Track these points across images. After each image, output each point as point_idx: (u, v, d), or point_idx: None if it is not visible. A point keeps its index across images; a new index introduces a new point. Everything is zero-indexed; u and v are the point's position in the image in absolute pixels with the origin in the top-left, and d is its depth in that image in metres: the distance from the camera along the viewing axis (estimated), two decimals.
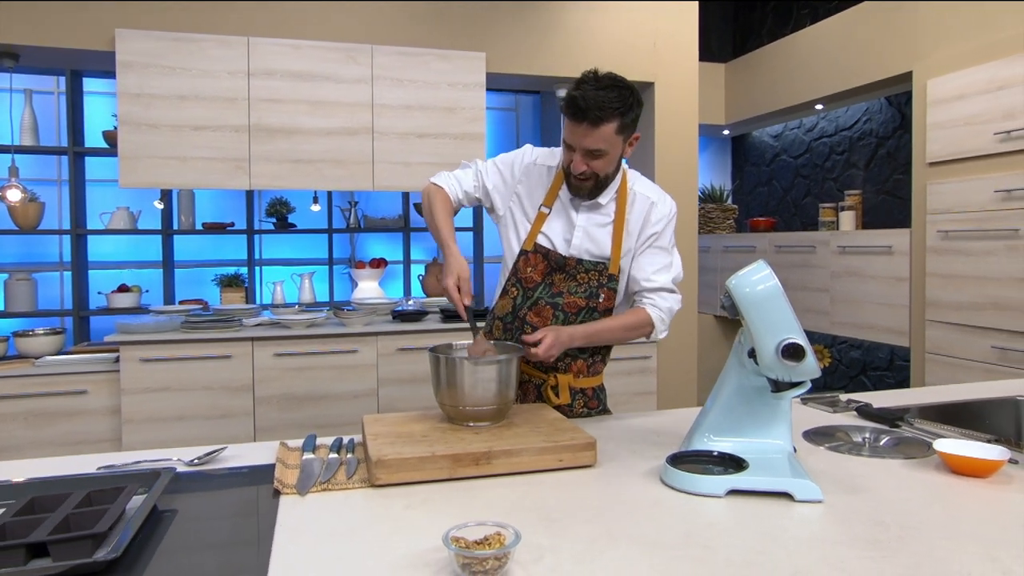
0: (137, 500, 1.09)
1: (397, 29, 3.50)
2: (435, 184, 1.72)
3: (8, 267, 3.92)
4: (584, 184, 1.59)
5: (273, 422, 3.21)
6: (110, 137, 3.75)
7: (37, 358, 3.19)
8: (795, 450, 1.31)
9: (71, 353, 3.32)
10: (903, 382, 4.35)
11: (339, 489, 1.21)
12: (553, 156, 1.71)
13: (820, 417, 1.69)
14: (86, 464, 1.33)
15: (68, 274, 3.99)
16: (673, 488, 1.19)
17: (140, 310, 3.80)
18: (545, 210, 1.67)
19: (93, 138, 3.91)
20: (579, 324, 1.64)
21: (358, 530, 1.04)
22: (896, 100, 4.34)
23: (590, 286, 1.65)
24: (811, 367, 1.15)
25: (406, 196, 4.38)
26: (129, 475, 1.16)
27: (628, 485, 1.22)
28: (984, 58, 3.21)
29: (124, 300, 3.80)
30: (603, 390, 1.81)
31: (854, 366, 4.78)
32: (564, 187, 1.66)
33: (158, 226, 4.05)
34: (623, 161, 1.69)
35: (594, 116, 1.47)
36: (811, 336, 1.25)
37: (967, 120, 3.25)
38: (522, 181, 1.70)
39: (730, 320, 5.51)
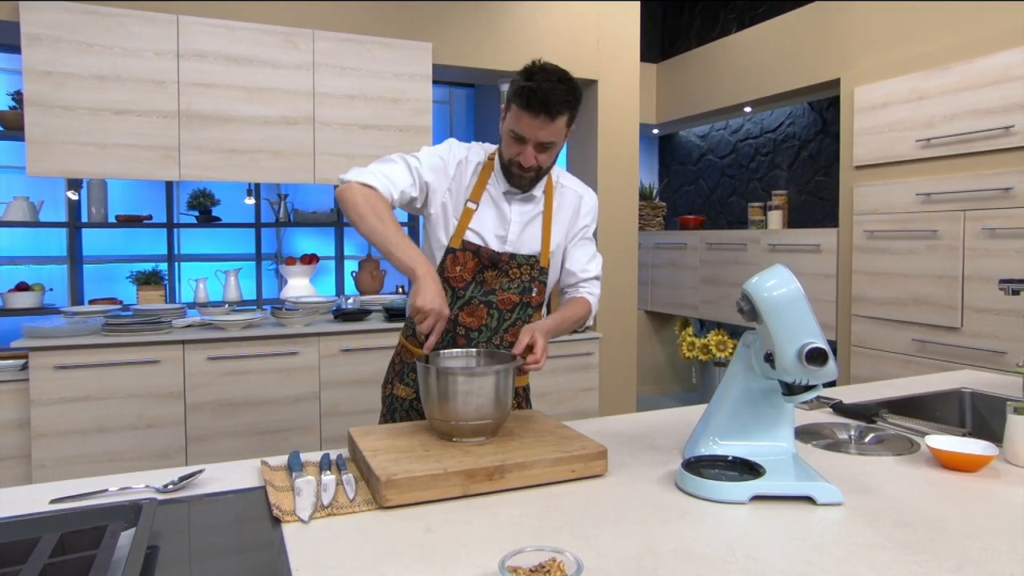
0: (124, 540, 0.95)
1: (339, 14, 3.33)
2: (361, 183, 1.48)
3: None
4: (528, 176, 1.56)
5: (207, 431, 2.99)
6: (6, 118, 3.36)
7: None
8: (796, 451, 1.33)
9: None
10: None
11: (345, 513, 1.11)
12: (478, 151, 1.65)
13: (798, 415, 1.73)
14: (33, 498, 1.16)
15: None
16: (692, 495, 1.17)
17: (44, 310, 3.44)
18: (472, 205, 1.60)
19: None
20: (544, 319, 1.58)
21: (386, 561, 0.95)
22: (818, 105, 4.57)
23: (523, 281, 1.62)
24: (831, 370, 1.16)
25: None
26: (105, 510, 1.02)
27: (647, 494, 1.19)
28: (907, 69, 3.42)
29: (24, 300, 3.43)
30: (528, 390, 1.80)
31: None
32: (492, 181, 1.61)
33: (63, 218, 3.68)
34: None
35: (555, 109, 1.45)
36: (741, 330, 1.27)
37: (891, 127, 3.45)
38: (455, 177, 1.61)
39: (660, 315, 5.66)
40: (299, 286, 3.96)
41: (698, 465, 1.25)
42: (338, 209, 4.23)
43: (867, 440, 1.53)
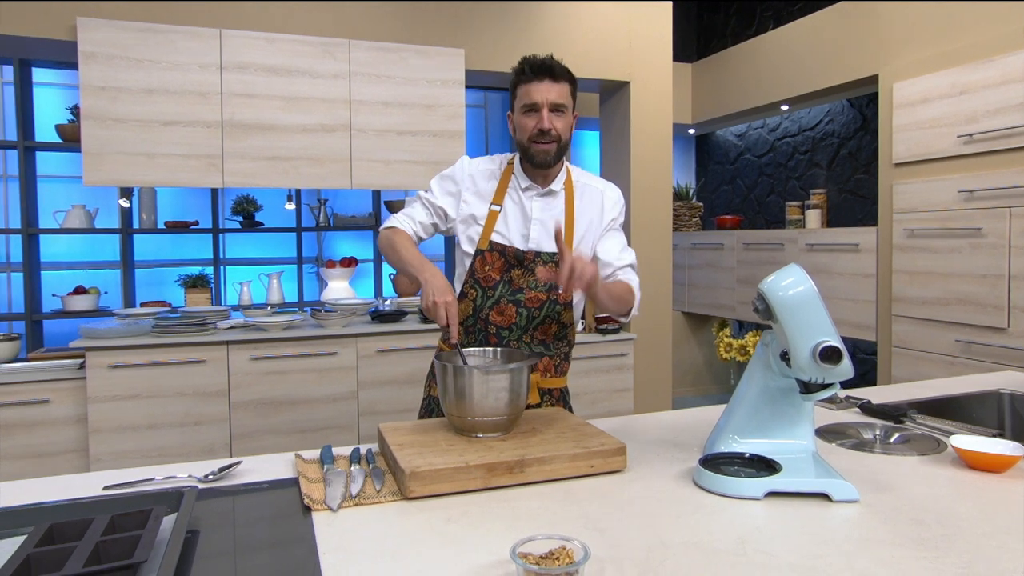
0: (167, 523, 1.02)
1: (374, 23, 3.42)
2: (388, 227, 1.73)
3: None
4: (550, 148, 1.61)
5: (250, 428, 3.11)
6: (65, 131, 3.55)
7: None
8: (816, 450, 1.33)
9: (29, 360, 3.14)
10: (865, 375, 4.51)
11: (372, 503, 1.17)
12: (492, 161, 1.75)
13: (825, 415, 1.72)
14: (90, 484, 1.25)
15: (17, 275, 3.78)
16: (709, 491, 1.19)
17: (99, 313, 3.63)
18: (496, 208, 1.68)
19: (44, 132, 3.70)
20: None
21: (407, 547, 1.00)
22: (857, 102, 4.48)
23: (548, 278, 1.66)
24: (847, 369, 1.17)
25: (377, 194, 4.29)
26: (151, 496, 1.10)
27: (664, 490, 1.22)
28: (948, 64, 3.34)
29: (82, 303, 3.62)
30: (567, 392, 1.82)
31: None
32: (514, 182, 1.70)
33: (117, 224, 3.87)
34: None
35: (557, 72, 1.59)
36: None
37: (931, 123, 3.38)
38: (468, 188, 1.71)
39: (699, 316, 5.62)
40: (339, 288, 4.07)
41: (716, 462, 1.27)
42: (376, 212, 4.33)
43: (893, 440, 1.52)
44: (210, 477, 1.29)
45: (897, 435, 1.53)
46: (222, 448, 3.06)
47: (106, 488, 1.23)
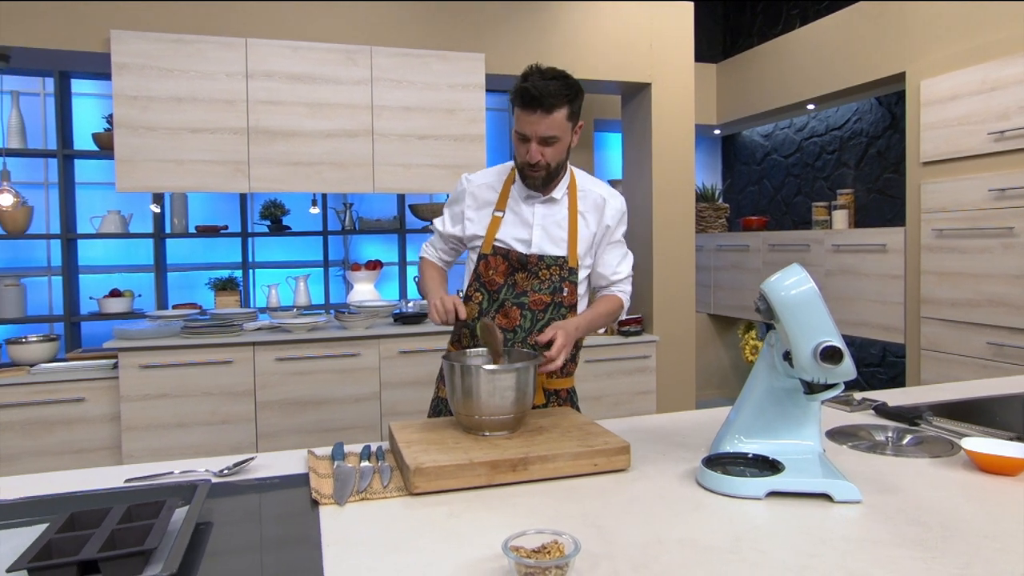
0: (179, 514, 1.07)
1: (396, 30, 3.48)
2: (421, 258, 1.91)
3: None
4: (539, 175, 1.65)
5: (275, 427, 3.18)
6: (101, 139, 3.69)
7: (31, 366, 3.12)
8: (824, 450, 1.33)
9: (67, 360, 3.26)
10: (895, 378, 4.42)
11: (377, 498, 1.20)
12: (494, 172, 1.79)
13: (838, 416, 1.71)
14: (112, 477, 1.31)
15: (57, 279, 3.92)
16: (711, 491, 1.20)
17: (133, 315, 3.74)
18: (499, 214, 1.73)
19: (82, 141, 3.84)
20: (574, 317, 1.70)
21: (407, 540, 1.03)
22: (886, 100, 4.40)
23: (552, 281, 1.70)
24: (848, 369, 1.16)
25: (401, 198, 4.35)
26: (166, 488, 1.15)
27: (666, 488, 1.23)
28: (977, 59, 3.27)
29: (116, 305, 3.74)
30: (575, 393, 1.84)
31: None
32: (516, 189, 1.73)
33: (150, 229, 3.99)
34: (568, 159, 1.77)
35: (548, 104, 1.55)
36: None
37: (960, 120, 3.31)
38: (469, 205, 1.77)
39: (725, 318, 5.57)
40: (364, 291, 4.13)
41: (719, 462, 1.28)
42: (400, 216, 4.39)
43: (905, 442, 1.50)
44: (225, 472, 1.33)
45: (910, 437, 1.52)
46: (248, 447, 3.13)
47: (127, 480, 1.29)
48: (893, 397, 1.89)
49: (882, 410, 1.71)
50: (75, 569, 0.89)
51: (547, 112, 1.56)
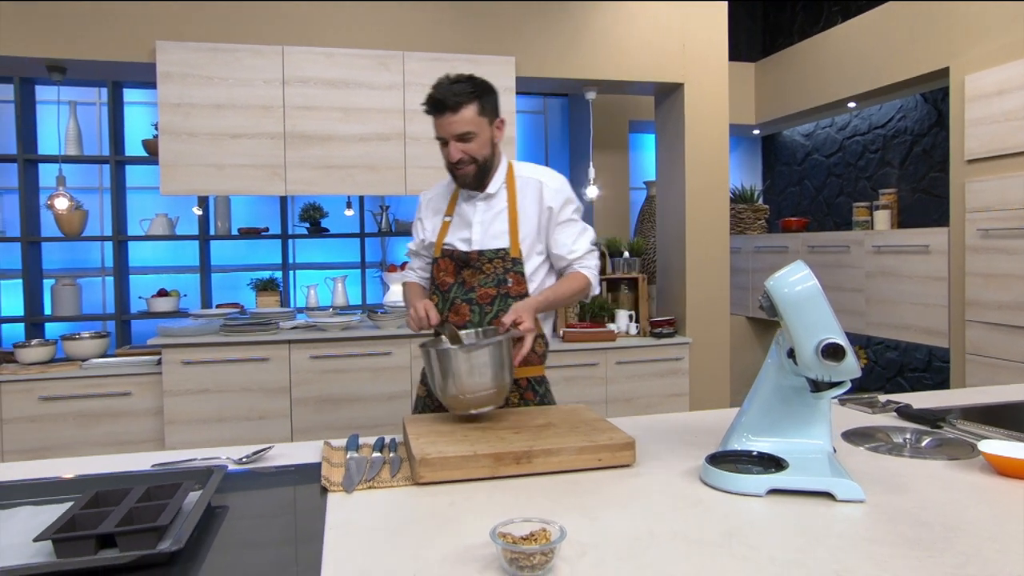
0: (193, 496, 1.13)
1: (427, 35, 3.55)
2: (403, 282, 2.01)
3: (55, 273, 4.05)
4: (467, 171, 1.70)
5: (309, 423, 3.27)
6: (149, 146, 3.86)
7: (84, 360, 3.29)
8: (835, 451, 1.31)
9: (116, 356, 3.42)
10: (942, 383, 4.27)
11: (384, 487, 1.24)
12: (443, 183, 1.87)
13: (859, 418, 1.68)
14: (141, 462, 1.38)
15: (110, 279, 4.12)
16: (713, 487, 1.20)
17: (179, 314, 3.90)
18: (447, 219, 1.82)
19: (133, 147, 4.03)
20: (532, 297, 1.73)
21: (406, 526, 1.07)
22: (932, 97, 4.26)
23: (497, 274, 1.75)
24: (851, 367, 1.15)
25: None
26: (184, 472, 1.21)
27: (668, 484, 1.23)
28: None
29: (163, 304, 3.91)
30: (542, 382, 1.84)
31: (891, 367, 4.70)
32: (462, 193, 1.80)
33: (195, 232, 4.16)
34: (503, 154, 1.81)
35: (453, 103, 1.63)
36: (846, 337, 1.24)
37: (1007, 116, 3.19)
38: (425, 216, 1.87)
39: (763, 321, 5.47)
40: (399, 292, 4.21)
41: (725, 459, 1.27)
42: None
43: (924, 444, 1.47)
44: (244, 460, 1.39)
45: (929, 440, 1.48)
46: (283, 442, 3.22)
47: (154, 465, 1.36)
48: (923, 400, 1.84)
49: (905, 412, 1.67)
50: (94, 542, 0.95)
51: (454, 111, 1.63)
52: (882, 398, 1.83)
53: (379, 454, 1.39)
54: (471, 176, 1.71)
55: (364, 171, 3.43)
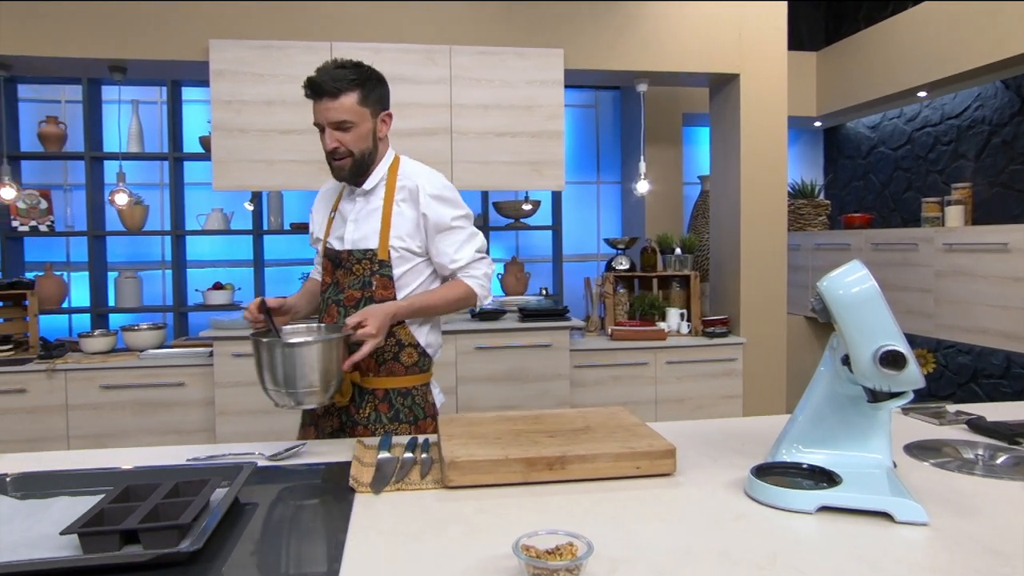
0: (220, 492, 1.12)
1: (474, 28, 3.51)
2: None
3: (117, 266, 4.20)
4: (343, 164, 1.62)
5: None
6: (205, 142, 3.95)
7: (141, 351, 3.40)
8: (895, 465, 1.21)
9: (171, 347, 3.53)
10: (1022, 392, 3.99)
11: (412, 489, 1.21)
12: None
13: (924, 429, 1.56)
14: (177, 455, 1.39)
15: (169, 272, 4.25)
16: (759, 502, 1.12)
17: (233, 307, 3.99)
18: (332, 215, 1.75)
19: (191, 144, 4.14)
20: (393, 302, 1.61)
21: (430, 532, 1.03)
22: (1014, 83, 3.98)
23: (363, 276, 1.66)
24: (913, 376, 1.05)
25: (485, 195, 4.39)
26: (213, 468, 1.21)
27: (709, 496, 1.16)
28: None
29: (218, 297, 4.00)
30: (411, 394, 1.70)
31: (963, 373, 4.43)
32: (347, 188, 1.72)
33: (249, 226, 4.24)
34: (391, 148, 1.73)
35: (331, 88, 1.55)
36: (913, 340, 1.14)
37: None
38: (316, 209, 1.82)
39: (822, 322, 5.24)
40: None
41: (771, 471, 1.19)
42: (484, 213, 4.42)
43: (999, 462, 1.34)
44: (276, 456, 1.39)
45: (1005, 457, 1.36)
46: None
47: (189, 460, 1.37)
48: (998, 412, 1.69)
49: (977, 425, 1.54)
50: (118, 537, 0.95)
51: (333, 98, 1.55)
52: (951, 408, 1.70)
53: (411, 454, 1.36)
54: (346, 170, 1.63)
55: None
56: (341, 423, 1.68)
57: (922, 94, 4.34)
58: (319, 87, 1.56)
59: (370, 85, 1.61)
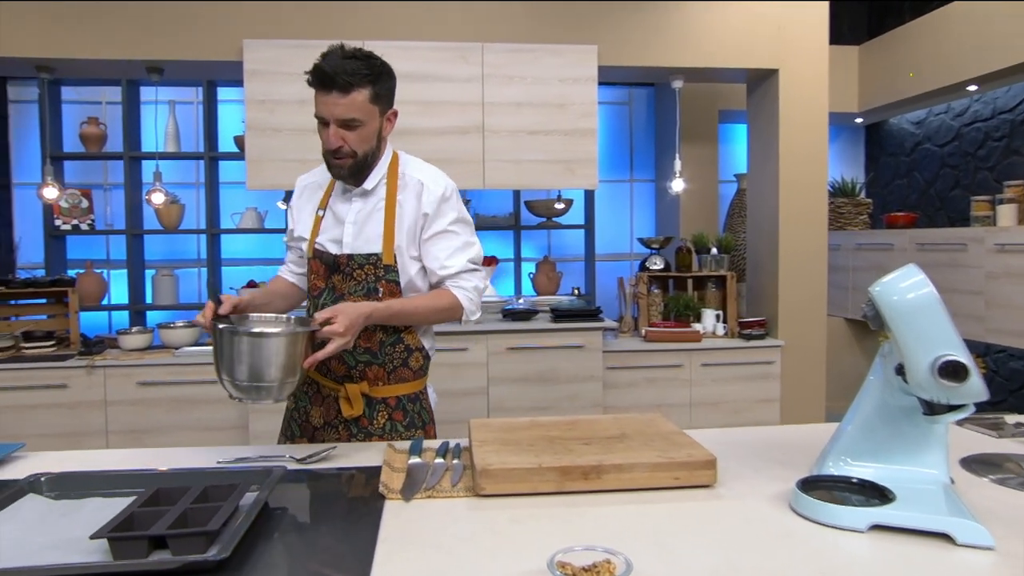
0: (250, 497, 1.10)
1: (507, 25, 3.48)
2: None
3: (155, 264, 4.27)
4: (344, 163, 1.51)
5: None
6: (239, 142, 3.99)
7: (177, 348, 3.44)
8: (952, 481, 1.14)
9: (206, 345, 3.56)
10: None
11: (444, 497, 1.18)
12: (321, 170, 1.66)
13: (981, 442, 1.48)
14: (208, 456, 1.39)
15: (205, 270, 4.30)
16: (804, 517, 1.07)
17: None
18: (320, 213, 1.61)
19: (226, 143, 4.18)
20: (369, 302, 1.49)
21: (461, 543, 1.00)
22: None
23: (367, 282, 1.56)
24: (976, 389, 0.99)
25: (517, 194, 4.36)
26: (242, 472, 1.19)
27: (752, 510, 1.11)
28: None
29: None
30: (417, 399, 1.66)
31: (1015, 379, 4.25)
32: (338, 185, 1.60)
33: (283, 225, 4.27)
34: (389, 144, 1.63)
35: (343, 82, 1.43)
36: None
37: None
38: (297, 205, 1.68)
39: (864, 323, 5.09)
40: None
41: (818, 485, 1.13)
42: (516, 212, 4.39)
43: None
44: (306, 460, 1.37)
45: None
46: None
47: (219, 462, 1.36)
48: None
49: None
50: (146, 543, 0.94)
51: (343, 92, 1.44)
52: (1010, 419, 1.61)
53: (442, 460, 1.33)
54: (347, 170, 1.52)
55: (442, 165, 3.32)
56: (351, 435, 1.59)
57: (972, 88, 4.17)
58: (330, 79, 1.44)
59: (382, 81, 1.51)
